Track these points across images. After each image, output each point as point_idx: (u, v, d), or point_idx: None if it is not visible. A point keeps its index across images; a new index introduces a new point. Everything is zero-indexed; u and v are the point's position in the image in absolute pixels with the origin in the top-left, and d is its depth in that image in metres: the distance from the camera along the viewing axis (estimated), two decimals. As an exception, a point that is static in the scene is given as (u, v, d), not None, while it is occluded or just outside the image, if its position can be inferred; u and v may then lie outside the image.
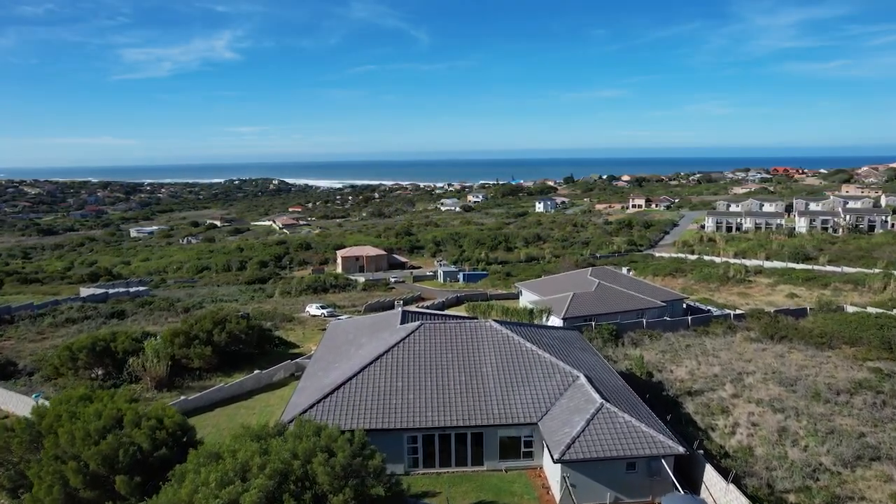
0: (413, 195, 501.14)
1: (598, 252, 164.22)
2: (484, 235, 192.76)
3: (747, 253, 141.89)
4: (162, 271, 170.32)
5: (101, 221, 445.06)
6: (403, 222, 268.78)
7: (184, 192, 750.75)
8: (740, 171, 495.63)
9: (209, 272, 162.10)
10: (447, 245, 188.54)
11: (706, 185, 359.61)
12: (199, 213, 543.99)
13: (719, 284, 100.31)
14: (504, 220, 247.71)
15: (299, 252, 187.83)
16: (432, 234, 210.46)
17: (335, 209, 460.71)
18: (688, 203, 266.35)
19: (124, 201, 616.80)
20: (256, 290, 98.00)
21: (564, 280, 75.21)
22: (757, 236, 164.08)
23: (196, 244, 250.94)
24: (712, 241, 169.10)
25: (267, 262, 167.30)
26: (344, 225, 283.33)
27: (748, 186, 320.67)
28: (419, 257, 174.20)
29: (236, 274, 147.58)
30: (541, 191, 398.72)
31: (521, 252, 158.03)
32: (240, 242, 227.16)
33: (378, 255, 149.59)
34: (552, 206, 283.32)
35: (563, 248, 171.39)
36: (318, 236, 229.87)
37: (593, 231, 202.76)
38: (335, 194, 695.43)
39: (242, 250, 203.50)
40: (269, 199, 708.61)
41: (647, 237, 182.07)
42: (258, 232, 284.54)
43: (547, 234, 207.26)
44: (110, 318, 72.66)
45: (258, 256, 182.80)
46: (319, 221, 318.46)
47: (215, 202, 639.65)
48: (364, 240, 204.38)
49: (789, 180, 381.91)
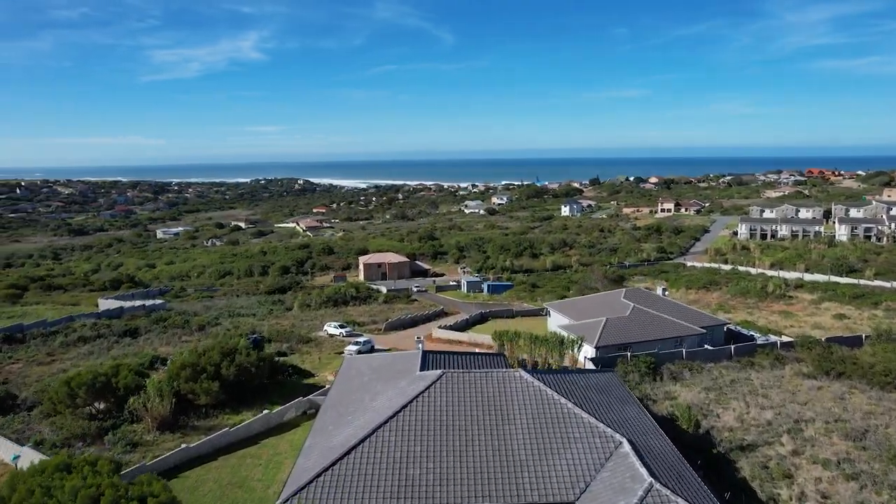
0: (437, 196, 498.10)
1: (626, 260, 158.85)
2: (508, 241, 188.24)
3: (784, 263, 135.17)
4: (184, 276, 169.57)
5: (129, 221, 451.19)
6: (427, 225, 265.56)
7: (210, 193, 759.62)
8: (772, 174, 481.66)
9: (231, 277, 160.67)
10: (471, 250, 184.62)
11: (737, 187, 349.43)
12: (225, 214, 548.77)
13: (758, 300, 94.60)
14: (529, 225, 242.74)
15: (322, 257, 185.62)
16: (456, 238, 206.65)
17: (359, 210, 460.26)
18: (719, 207, 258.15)
19: (152, 201, 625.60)
20: (276, 303, 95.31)
21: (596, 302, 70.67)
22: (794, 245, 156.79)
23: (220, 246, 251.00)
24: (746, 249, 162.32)
25: (289, 268, 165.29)
26: (367, 228, 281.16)
27: (781, 189, 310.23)
28: (442, 263, 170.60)
29: (258, 280, 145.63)
30: (566, 193, 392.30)
31: (546, 259, 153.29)
32: (263, 245, 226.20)
33: (400, 263, 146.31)
34: (578, 210, 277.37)
35: (591, 256, 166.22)
36: (341, 240, 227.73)
37: (621, 237, 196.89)
38: (359, 195, 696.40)
39: (265, 254, 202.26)
40: (294, 199, 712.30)
41: (677, 244, 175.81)
42: (282, 234, 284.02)
43: (573, 239, 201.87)
44: (123, 337, 70.51)
45: (281, 261, 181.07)
46: (343, 224, 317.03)
47: (241, 202, 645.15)
48: (387, 244, 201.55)
49: (825, 183, 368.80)
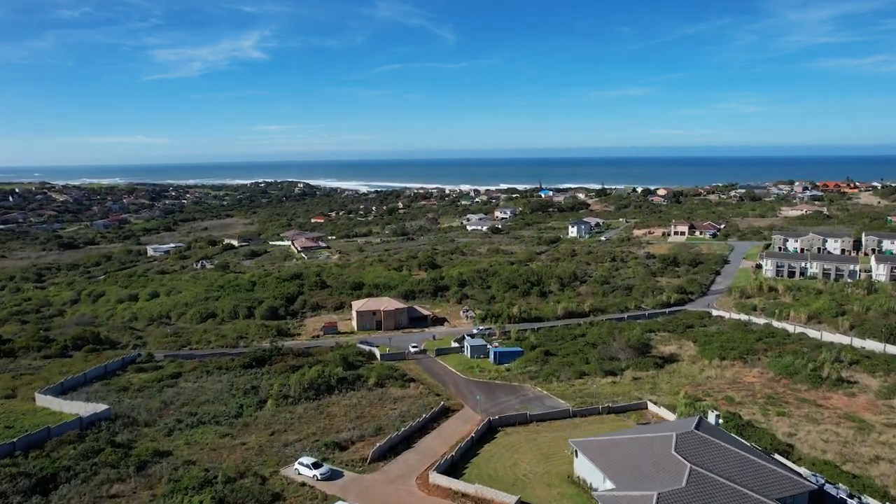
0: (438, 207, 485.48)
1: (643, 302, 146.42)
2: (514, 274, 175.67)
3: (823, 316, 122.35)
4: (165, 317, 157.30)
5: (122, 233, 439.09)
6: (427, 247, 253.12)
7: (208, 198, 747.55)
8: (784, 184, 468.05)
9: (212, 322, 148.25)
10: (474, 285, 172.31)
11: (750, 203, 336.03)
12: (222, 223, 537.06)
13: (810, 386, 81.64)
14: (534, 249, 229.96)
15: (313, 292, 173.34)
16: (458, 268, 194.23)
17: (358, 222, 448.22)
18: (735, 230, 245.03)
19: (148, 209, 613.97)
20: (248, 392, 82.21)
21: (638, 451, 54.29)
22: (828, 289, 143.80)
23: (209, 270, 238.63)
24: (774, 290, 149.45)
25: (277, 309, 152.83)
26: (365, 248, 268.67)
27: (800, 208, 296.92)
28: (443, 303, 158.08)
29: (239, 335, 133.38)
30: (572, 207, 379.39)
31: (557, 305, 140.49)
32: (253, 274, 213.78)
33: (397, 310, 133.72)
34: (586, 231, 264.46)
35: (604, 296, 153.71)
36: (336, 267, 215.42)
37: (635, 269, 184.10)
38: (359, 201, 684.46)
39: (255, 284, 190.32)
40: (293, 205, 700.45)
41: (697, 281, 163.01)
42: (275, 256, 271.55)
43: (584, 269, 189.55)
44: (31, 495, 54.94)
45: (269, 296, 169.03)
46: (339, 242, 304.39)
47: (239, 210, 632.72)
48: (384, 275, 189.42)
49: (842, 197, 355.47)
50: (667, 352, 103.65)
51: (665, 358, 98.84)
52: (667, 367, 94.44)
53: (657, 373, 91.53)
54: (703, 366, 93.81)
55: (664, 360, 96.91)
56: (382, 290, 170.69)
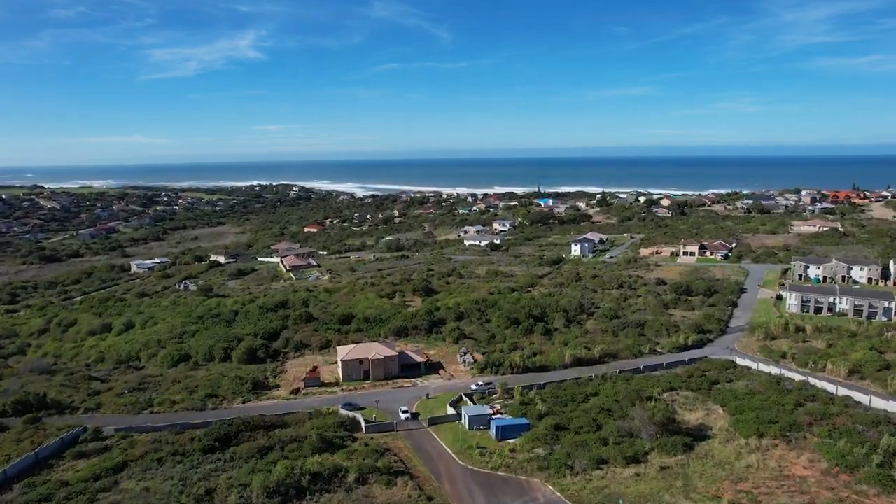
0: (435, 216, 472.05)
1: (658, 344, 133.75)
2: (515, 306, 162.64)
3: (864, 369, 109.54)
4: (135, 359, 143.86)
5: (108, 243, 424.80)
6: (422, 267, 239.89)
7: (200, 204, 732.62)
8: (790, 193, 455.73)
9: (185, 367, 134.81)
10: (472, 318, 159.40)
11: (759, 217, 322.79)
12: (213, 231, 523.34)
13: (879, 490, 68.29)
14: (536, 271, 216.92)
15: (298, 326, 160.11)
16: (454, 297, 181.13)
17: (352, 232, 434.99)
18: (748, 250, 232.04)
19: (138, 216, 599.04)
20: (202, 499, 68.51)
21: None
22: (863, 331, 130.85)
23: (191, 294, 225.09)
24: (801, 330, 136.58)
25: (256, 351, 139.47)
26: (357, 268, 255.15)
27: (812, 223, 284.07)
28: (439, 342, 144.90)
29: (213, 385, 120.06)
30: (573, 219, 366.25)
31: (564, 350, 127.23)
32: (237, 299, 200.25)
33: (387, 358, 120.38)
34: (590, 249, 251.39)
35: (614, 336, 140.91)
36: (325, 292, 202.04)
37: (646, 299, 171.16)
38: (355, 207, 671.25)
39: (236, 315, 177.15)
40: (287, 210, 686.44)
41: (714, 316, 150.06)
42: (262, 275, 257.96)
43: (590, 298, 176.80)
44: None
45: (250, 330, 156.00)
46: (331, 260, 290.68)
47: (231, 217, 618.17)
48: (375, 305, 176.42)
49: (854, 210, 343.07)
50: (693, 421, 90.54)
51: (693, 432, 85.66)
52: (697, 447, 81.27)
53: (687, 458, 78.36)
54: (739, 447, 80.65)
55: (693, 437, 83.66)
56: (373, 324, 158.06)
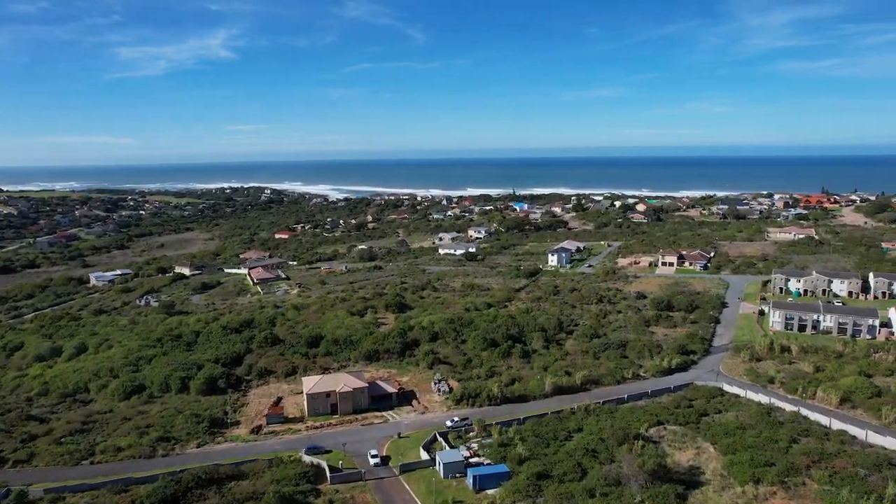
0: (409, 221, 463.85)
1: (642, 367, 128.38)
2: (492, 325, 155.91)
3: (855, 396, 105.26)
4: (83, 390, 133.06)
5: (67, 253, 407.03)
6: (395, 280, 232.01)
7: (168, 209, 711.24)
8: (763, 198, 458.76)
9: (138, 399, 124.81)
10: (447, 338, 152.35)
11: (735, 224, 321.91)
12: (181, 238, 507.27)
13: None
14: (513, 284, 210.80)
15: (264, 350, 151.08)
16: (429, 314, 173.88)
17: (324, 238, 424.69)
18: (726, 260, 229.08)
19: (101, 222, 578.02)
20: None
21: None
22: (849, 351, 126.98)
23: (152, 312, 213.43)
24: (787, 350, 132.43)
25: (216, 380, 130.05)
26: (328, 280, 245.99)
27: (787, 230, 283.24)
28: (412, 366, 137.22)
29: (165, 426, 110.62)
30: (549, 225, 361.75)
31: (545, 378, 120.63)
32: (199, 318, 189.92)
33: (356, 390, 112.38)
34: (567, 260, 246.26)
35: (595, 357, 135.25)
36: (293, 309, 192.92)
37: (626, 315, 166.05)
38: (328, 211, 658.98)
39: (198, 336, 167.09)
40: (258, 215, 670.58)
41: (697, 335, 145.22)
42: (228, 289, 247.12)
43: (569, 314, 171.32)
44: None
45: (211, 355, 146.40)
46: (301, 271, 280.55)
47: (199, 222, 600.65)
48: (346, 324, 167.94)
49: (826, 215, 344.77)
50: (684, 462, 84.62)
51: (685, 478, 79.60)
52: (691, 497, 75.24)
53: (681, 511, 72.13)
54: (735, 496, 74.79)
55: (685, 484, 77.55)
56: (343, 347, 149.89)
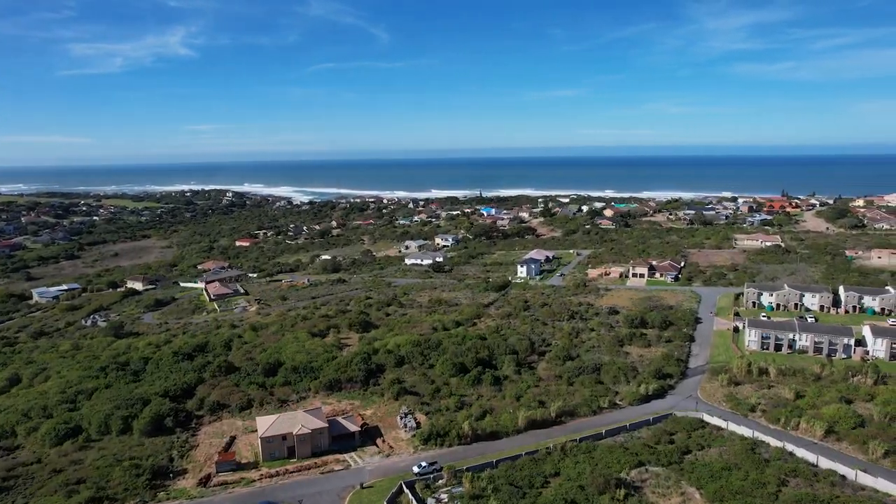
0: (374, 227, 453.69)
1: (618, 394, 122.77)
2: (461, 348, 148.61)
3: (839, 426, 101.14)
4: (9, 435, 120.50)
5: (10, 264, 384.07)
6: (360, 295, 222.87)
7: (124, 214, 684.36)
8: (728, 202, 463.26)
9: (73, 444, 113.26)
10: (414, 363, 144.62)
11: (703, 230, 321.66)
12: (136, 246, 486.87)
13: None
14: (482, 299, 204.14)
15: (217, 380, 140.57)
16: (395, 335, 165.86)
17: (287, 246, 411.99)
18: (696, 270, 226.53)
19: (51, 229, 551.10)
20: None
21: None
22: (828, 375, 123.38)
23: (99, 333, 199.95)
24: (765, 373, 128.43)
25: (163, 419, 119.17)
26: (289, 295, 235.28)
27: (755, 237, 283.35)
28: (376, 397, 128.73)
29: (100, 479, 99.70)
30: (517, 232, 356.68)
31: (518, 412, 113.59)
32: (149, 343, 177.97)
33: (315, 431, 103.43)
34: (536, 271, 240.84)
35: (569, 383, 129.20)
36: (251, 331, 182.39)
37: (599, 334, 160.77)
38: (291, 216, 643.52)
39: (146, 364, 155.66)
40: (219, 219, 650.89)
41: (673, 356, 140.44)
42: (183, 306, 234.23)
43: (540, 332, 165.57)
44: None
45: (160, 387, 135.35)
46: (261, 284, 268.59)
47: (157, 228, 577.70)
48: (307, 348, 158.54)
49: (790, 220, 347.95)
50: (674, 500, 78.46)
51: (672, 535, 73.29)
52: (681, 561, 68.80)
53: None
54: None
55: (673, 544, 71.24)
56: (302, 375, 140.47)
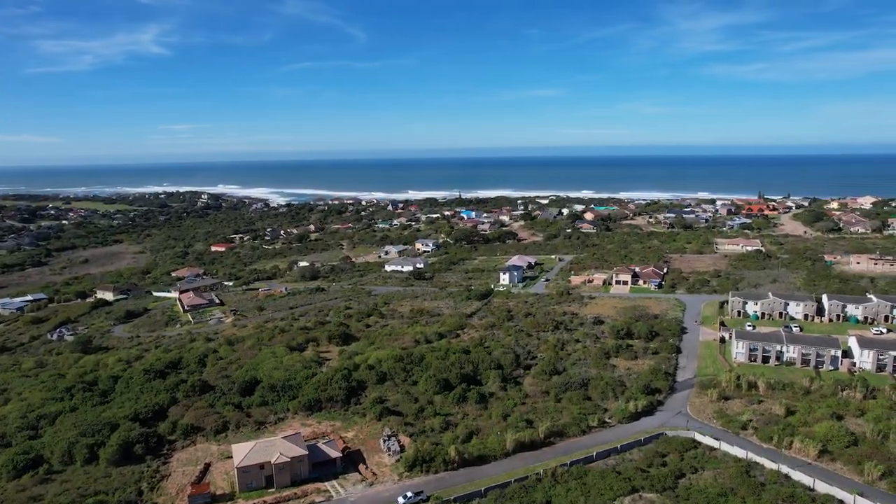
0: (353, 231, 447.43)
1: (607, 411, 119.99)
2: (445, 363, 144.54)
3: (832, 445, 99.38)
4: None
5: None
6: (339, 305, 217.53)
7: (95, 218, 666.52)
8: (706, 203, 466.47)
9: (34, 477, 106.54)
10: (397, 379, 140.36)
11: (684, 234, 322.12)
12: (108, 251, 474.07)
13: None
14: (464, 309, 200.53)
15: (191, 401, 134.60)
16: (376, 349, 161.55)
17: (264, 251, 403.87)
18: (679, 277, 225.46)
19: (16, 234, 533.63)
20: None
21: None
22: (817, 389, 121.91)
23: (66, 349, 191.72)
24: (754, 387, 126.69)
25: (132, 446, 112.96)
26: (266, 305, 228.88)
27: (735, 242, 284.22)
28: (358, 418, 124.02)
29: None
30: (498, 237, 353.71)
31: (505, 430, 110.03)
32: (119, 359, 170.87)
33: (294, 459, 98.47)
34: (519, 278, 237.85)
35: (557, 400, 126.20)
36: (226, 346, 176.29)
37: (584, 347, 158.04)
38: (268, 219, 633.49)
39: (116, 383, 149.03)
40: (194, 223, 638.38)
41: (661, 370, 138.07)
42: (155, 318, 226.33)
43: (525, 343, 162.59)
44: None
45: (129, 409, 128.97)
46: (237, 293, 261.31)
47: (129, 233, 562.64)
48: (284, 363, 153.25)
49: (768, 224, 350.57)
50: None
51: (672, 573, 70.05)
52: None
53: None
54: None
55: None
56: (281, 394, 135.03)
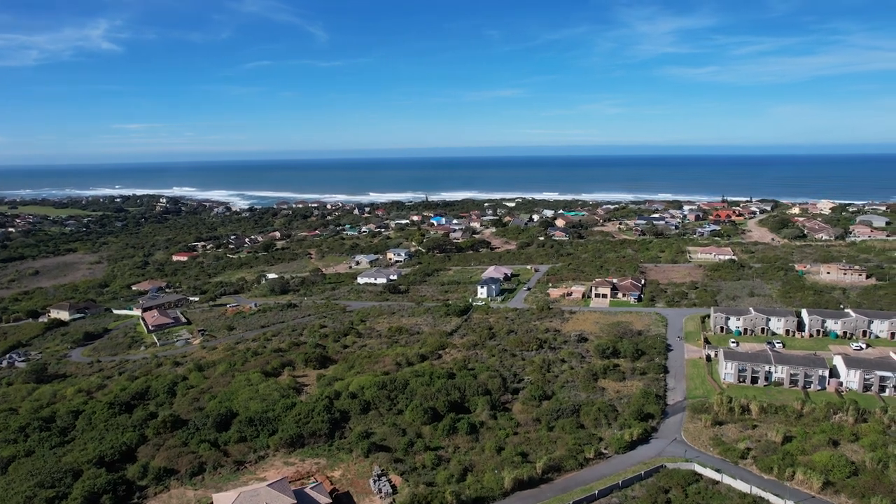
0: (321, 239, 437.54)
1: (602, 441, 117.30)
2: (430, 389, 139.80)
3: (834, 476, 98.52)
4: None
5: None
6: (314, 324, 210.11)
7: (46, 224, 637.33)
8: (674, 209, 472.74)
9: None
10: (381, 409, 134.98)
11: (656, 242, 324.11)
12: (60, 262, 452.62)
13: None
14: (444, 326, 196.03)
15: (162, 439, 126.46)
16: (356, 374, 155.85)
17: (228, 261, 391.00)
18: (657, 289, 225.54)
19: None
20: None
21: None
22: (810, 412, 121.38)
23: (17, 380, 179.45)
24: (747, 411, 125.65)
25: (99, 496, 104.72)
26: (236, 324, 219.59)
27: (708, 250, 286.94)
28: (344, 455, 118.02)
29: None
30: (471, 245, 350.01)
31: (501, 468, 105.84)
32: (79, 389, 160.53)
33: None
34: (497, 291, 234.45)
35: (549, 428, 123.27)
36: (196, 372, 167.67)
37: (571, 369, 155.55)
38: (230, 224, 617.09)
39: (77, 418, 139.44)
40: (153, 229, 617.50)
41: (651, 393, 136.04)
42: (117, 340, 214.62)
43: (510, 364, 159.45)
44: None
45: (93, 452, 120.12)
46: (203, 311, 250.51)
47: (84, 241, 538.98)
48: (262, 393, 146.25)
49: (736, 230, 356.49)
50: None
51: None
52: None
53: None
54: None
55: None
56: (259, 428, 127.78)
